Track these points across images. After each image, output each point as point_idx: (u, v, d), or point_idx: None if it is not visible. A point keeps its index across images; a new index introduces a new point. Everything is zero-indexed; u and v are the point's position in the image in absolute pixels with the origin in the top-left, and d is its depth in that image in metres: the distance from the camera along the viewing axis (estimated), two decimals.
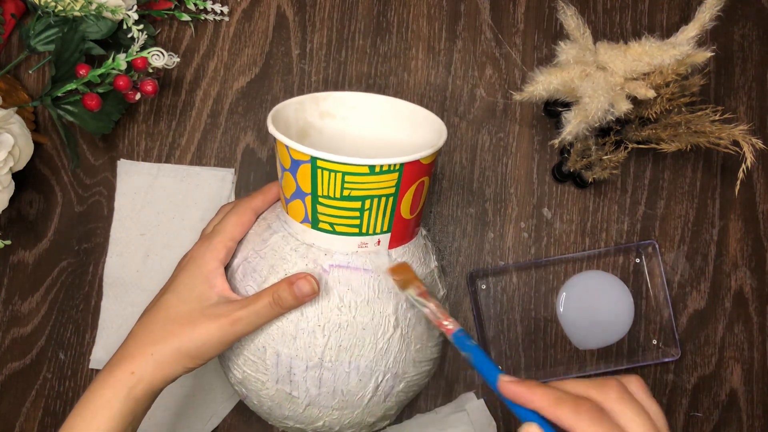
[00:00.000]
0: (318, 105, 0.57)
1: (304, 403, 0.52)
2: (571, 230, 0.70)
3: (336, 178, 0.48)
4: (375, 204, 0.49)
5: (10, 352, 0.68)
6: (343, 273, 0.51)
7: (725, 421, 0.69)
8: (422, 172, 0.50)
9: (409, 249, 0.54)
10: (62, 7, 0.63)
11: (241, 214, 0.54)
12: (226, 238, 0.53)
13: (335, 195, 0.49)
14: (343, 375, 0.51)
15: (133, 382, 0.49)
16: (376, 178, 0.48)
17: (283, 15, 0.71)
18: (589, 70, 0.60)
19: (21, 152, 0.63)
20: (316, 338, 0.51)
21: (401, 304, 0.52)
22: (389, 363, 0.52)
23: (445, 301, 0.60)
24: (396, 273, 0.52)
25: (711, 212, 0.71)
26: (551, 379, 0.68)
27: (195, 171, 0.70)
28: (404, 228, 0.52)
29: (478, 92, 0.71)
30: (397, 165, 0.48)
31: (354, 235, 0.50)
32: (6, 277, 0.69)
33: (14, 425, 0.68)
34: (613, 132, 0.67)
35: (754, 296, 0.70)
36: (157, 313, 0.51)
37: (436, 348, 0.56)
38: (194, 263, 0.52)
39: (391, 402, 0.54)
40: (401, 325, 0.52)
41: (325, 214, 0.50)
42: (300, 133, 0.57)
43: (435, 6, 0.72)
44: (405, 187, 0.49)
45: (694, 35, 0.61)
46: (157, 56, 0.62)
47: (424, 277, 0.54)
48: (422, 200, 0.53)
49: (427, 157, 0.49)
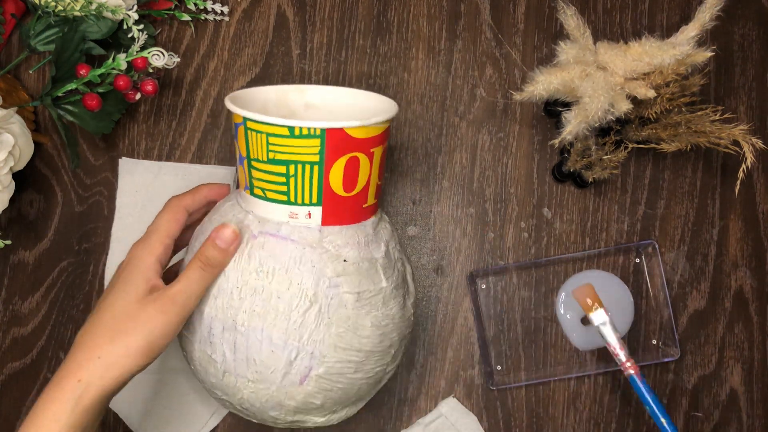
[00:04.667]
0: (303, 95, 0.60)
1: (222, 368, 0.52)
2: (571, 230, 0.70)
3: (262, 139, 0.50)
4: (300, 171, 0.50)
5: (10, 352, 0.68)
6: (269, 240, 0.51)
7: (725, 421, 0.69)
8: (351, 145, 0.50)
9: (347, 231, 0.53)
10: (62, 7, 0.63)
11: (174, 212, 0.55)
12: (162, 236, 0.53)
13: (263, 158, 0.50)
14: (255, 342, 0.51)
15: (81, 390, 0.47)
16: (298, 142, 0.49)
17: (283, 15, 0.71)
18: (589, 70, 0.61)
19: (21, 152, 0.63)
20: (233, 299, 0.51)
21: (323, 281, 0.51)
22: (303, 339, 0.51)
23: (416, 303, 0.59)
24: (581, 294, 0.56)
25: (711, 212, 0.71)
26: (551, 379, 0.68)
27: (196, 169, 0.70)
28: (340, 205, 0.52)
29: (478, 92, 0.71)
30: (318, 130, 0.48)
31: (283, 203, 0.51)
32: (6, 277, 0.69)
33: (14, 425, 0.68)
34: (613, 132, 0.67)
35: (754, 296, 0.70)
36: (99, 316, 0.50)
37: (370, 341, 0.54)
38: (132, 262, 0.52)
39: (311, 387, 0.53)
40: (320, 302, 0.51)
41: (258, 179, 0.52)
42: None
43: (435, 6, 0.72)
44: (331, 158, 0.50)
45: (694, 35, 0.61)
46: (158, 56, 0.62)
47: (359, 262, 0.53)
48: (362, 179, 0.52)
49: (353, 128, 0.49)
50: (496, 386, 0.68)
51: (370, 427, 0.68)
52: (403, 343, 0.58)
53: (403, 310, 0.56)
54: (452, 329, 0.69)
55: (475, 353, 0.69)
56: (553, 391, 0.69)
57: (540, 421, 0.68)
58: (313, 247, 0.51)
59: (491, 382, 0.68)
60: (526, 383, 0.68)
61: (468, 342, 0.69)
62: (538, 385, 0.69)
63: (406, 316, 0.57)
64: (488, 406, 0.68)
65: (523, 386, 0.68)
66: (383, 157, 0.54)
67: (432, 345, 0.69)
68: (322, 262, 0.51)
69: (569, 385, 0.69)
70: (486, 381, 0.68)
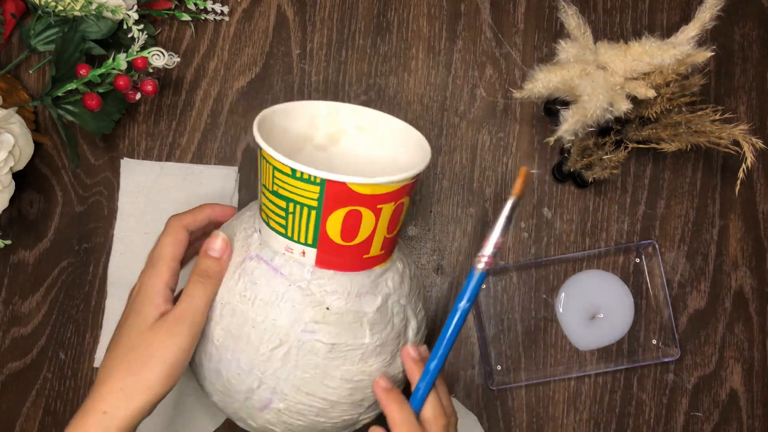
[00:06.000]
0: (357, 117, 0.58)
1: (204, 369, 0.53)
2: (571, 230, 0.70)
3: (269, 170, 0.49)
4: (298, 210, 0.48)
5: (10, 352, 0.68)
6: (261, 267, 0.51)
7: (725, 421, 0.69)
8: (353, 200, 0.47)
9: (340, 278, 0.51)
10: (62, 7, 0.63)
11: (175, 234, 0.54)
12: (168, 260, 0.53)
13: (269, 187, 0.50)
14: (225, 360, 0.51)
15: (106, 422, 0.48)
16: (298, 184, 0.47)
17: (283, 15, 0.71)
18: (589, 69, 0.60)
19: (21, 152, 0.63)
20: (214, 313, 0.52)
21: (299, 324, 0.50)
22: (267, 373, 0.50)
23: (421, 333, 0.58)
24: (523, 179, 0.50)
25: (711, 212, 0.71)
26: (551, 379, 0.68)
27: (198, 169, 0.70)
28: (336, 252, 0.50)
29: (478, 92, 0.71)
30: (318, 178, 0.46)
31: (282, 235, 0.50)
32: (6, 277, 0.69)
33: (14, 425, 0.68)
34: (613, 132, 0.67)
35: (754, 296, 0.70)
36: (116, 347, 0.50)
37: (336, 392, 0.52)
38: (141, 291, 0.52)
39: (271, 417, 0.52)
40: (291, 344, 0.50)
41: (265, 204, 0.51)
42: (330, 137, 0.58)
43: (435, 6, 0.72)
44: (330, 207, 0.48)
45: (694, 35, 0.61)
46: (158, 56, 0.62)
47: (343, 314, 0.51)
48: (365, 232, 0.50)
49: (357, 185, 0.47)
50: (496, 386, 0.68)
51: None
52: None
53: (388, 368, 0.54)
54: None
55: (475, 353, 0.69)
56: (553, 391, 0.69)
57: (540, 421, 0.68)
58: (300, 287, 0.50)
59: (491, 382, 0.68)
60: (526, 383, 0.68)
61: (468, 342, 0.69)
62: (538, 385, 0.69)
63: (393, 373, 0.54)
64: (488, 406, 0.68)
65: (523, 386, 0.68)
66: (398, 212, 0.51)
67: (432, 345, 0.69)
68: (303, 304, 0.50)
69: (569, 385, 0.69)
70: (486, 381, 0.68)
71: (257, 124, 0.51)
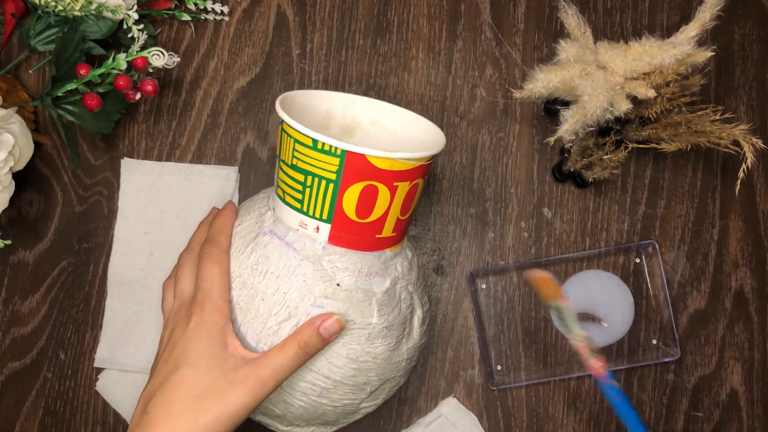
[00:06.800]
0: (372, 110, 0.60)
1: None
2: (572, 230, 0.70)
3: (290, 143, 0.50)
4: (316, 183, 0.50)
5: (10, 352, 0.68)
6: (274, 241, 0.52)
7: (725, 421, 0.69)
8: (371, 174, 0.49)
9: (352, 256, 0.52)
10: (62, 7, 0.63)
11: (222, 262, 0.52)
12: (224, 292, 0.51)
13: (288, 161, 0.51)
14: (237, 330, 0.52)
15: None
16: (319, 156, 0.49)
17: (283, 15, 0.71)
18: (589, 69, 0.61)
19: (21, 152, 0.63)
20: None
21: (309, 298, 0.51)
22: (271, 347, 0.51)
23: (418, 351, 0.58)
24: (536, 281, 0.52)
25: (711, 212, 0.71)
26: (551, 379, 0.68)
27: (199, 169, 0.70)
28: (349, 229, 0.51)
29: (478, 92, 0.71)
30: (339, 150, 0.48)
31: (296, 210, 0.51)
32: (6, 277, 0.69)
33: (14, 425, 0.68)
34: (614, 132, 0.67)
35: (754, 296, 0.70)
36: (176, 390, 0.47)
37: (340, 371, 0.53)
38: (202, 329, 0.49)
39: (272, 395, 0.52)
40: (300, 318, 0.50)
41: (281, 180, 0.52)
42: (345, 129, 0.60)
43: (435, 6, 0.72)
44: (348, 180, 0.49)
45: (694, 35, 0.61)
46: (158, 56, 0.62)
47: (352, 291, 0.51)
48: (379, 210, 0.51)
49: (375, 158, 0.48)
50: (496, 386, 0.68)
51: (370, 426, 0.68)
52: (387, 386, 0.57)
53: (392, 353, 0.54)
54: (452, 329, 0.69)
55: (475, 353, 0.69)
56: (553, 391, 0.69)
57: (540, 421, 0.68)
58: (312, 261, 0.51)
59: (491, 382, 0.68)
60: (526, 383, 0.68)
61: (468, 342, 0.69)
62: (538, 385, 0.69)
63: (396, 360, 0.55)
64: (488, 406, 0.68)
65: (523, 386, 0.68)
66: (412, 193, 0.52)
67: (432, 345, 0.69)
68: (314, 279, 0.51)
69: (569, 385, 0.69)
70: (486, 381, 0.68)
71: (280, 101, 0.52)
